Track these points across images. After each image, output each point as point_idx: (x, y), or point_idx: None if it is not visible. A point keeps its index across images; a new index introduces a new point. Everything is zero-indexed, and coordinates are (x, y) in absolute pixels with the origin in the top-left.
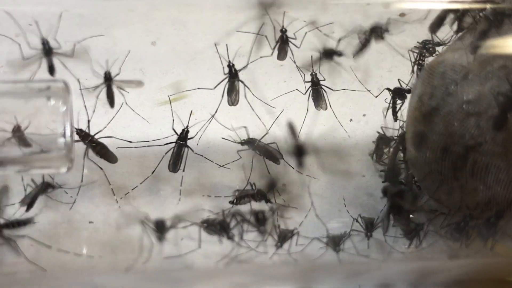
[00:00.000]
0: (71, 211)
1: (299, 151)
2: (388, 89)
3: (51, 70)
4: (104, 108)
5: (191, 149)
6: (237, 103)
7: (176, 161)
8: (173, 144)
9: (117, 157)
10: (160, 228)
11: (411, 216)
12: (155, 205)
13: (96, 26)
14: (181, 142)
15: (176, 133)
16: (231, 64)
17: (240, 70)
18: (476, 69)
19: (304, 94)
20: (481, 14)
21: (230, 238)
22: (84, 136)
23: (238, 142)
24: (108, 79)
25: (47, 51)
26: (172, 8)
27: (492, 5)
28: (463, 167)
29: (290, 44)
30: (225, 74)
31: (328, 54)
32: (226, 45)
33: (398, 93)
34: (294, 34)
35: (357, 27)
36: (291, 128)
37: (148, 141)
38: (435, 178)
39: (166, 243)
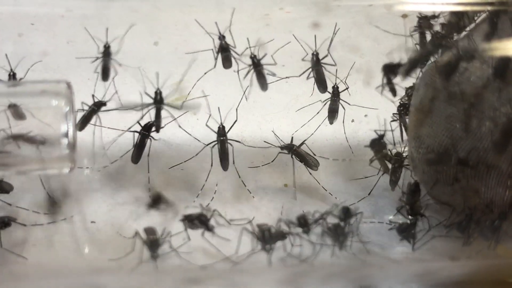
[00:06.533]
0: (72, 210)
1: None
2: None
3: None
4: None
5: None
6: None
7: None
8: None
9: None
10: (153, 247)
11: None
12: None
13: (99, 27)
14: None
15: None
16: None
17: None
18: (479, 71)
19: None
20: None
21: (210, 230)
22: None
23: None
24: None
25: None
26: (175, 9)
27: (492, 7)
28: (465, 169)
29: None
30: None
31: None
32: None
33: (389, 70)
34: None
35: None
36: None
37: None
38: (437, 180)
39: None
